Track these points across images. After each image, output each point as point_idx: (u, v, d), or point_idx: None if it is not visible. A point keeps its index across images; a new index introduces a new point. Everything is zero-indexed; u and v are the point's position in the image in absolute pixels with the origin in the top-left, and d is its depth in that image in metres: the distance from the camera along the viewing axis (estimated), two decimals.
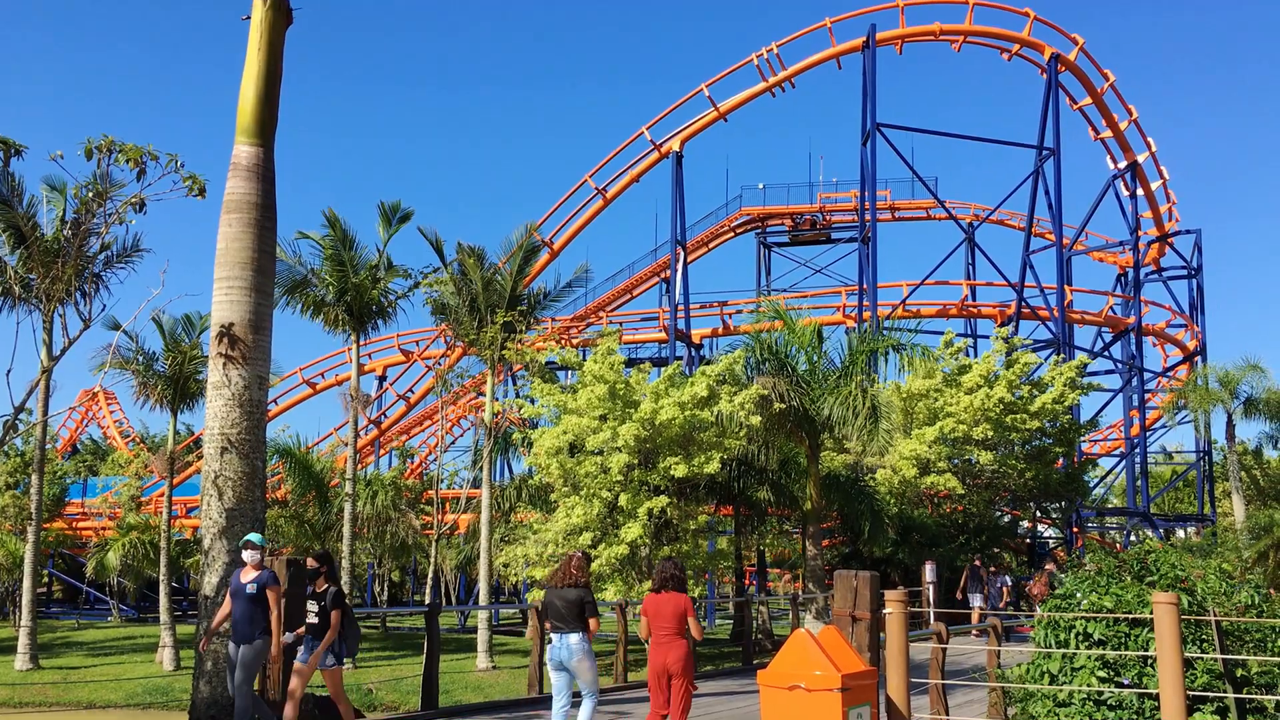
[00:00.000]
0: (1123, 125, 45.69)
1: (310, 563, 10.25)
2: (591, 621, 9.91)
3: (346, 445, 27.85)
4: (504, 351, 23.78)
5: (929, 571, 27.21)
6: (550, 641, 9.98)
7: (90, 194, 11.85)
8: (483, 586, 24.12)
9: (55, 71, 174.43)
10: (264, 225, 11.51)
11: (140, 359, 26.12)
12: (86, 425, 68.28)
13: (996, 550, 33.75)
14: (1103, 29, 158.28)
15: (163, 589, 26.39)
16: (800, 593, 24.30)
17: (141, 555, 36.31)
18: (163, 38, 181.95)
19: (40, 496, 24.76)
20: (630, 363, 28.13)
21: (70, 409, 64.24)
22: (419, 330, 49.47)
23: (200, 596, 11.05)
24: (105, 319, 23.34)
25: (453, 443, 54.73)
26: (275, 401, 49.64)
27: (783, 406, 21.34)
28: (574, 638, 9.83)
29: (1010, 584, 25.97)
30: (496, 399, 26.09)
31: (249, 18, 11.77)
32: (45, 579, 45.86)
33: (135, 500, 39.67)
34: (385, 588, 50.87)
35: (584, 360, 24.21)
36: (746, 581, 36.19)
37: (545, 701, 15.94)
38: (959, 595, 27.11)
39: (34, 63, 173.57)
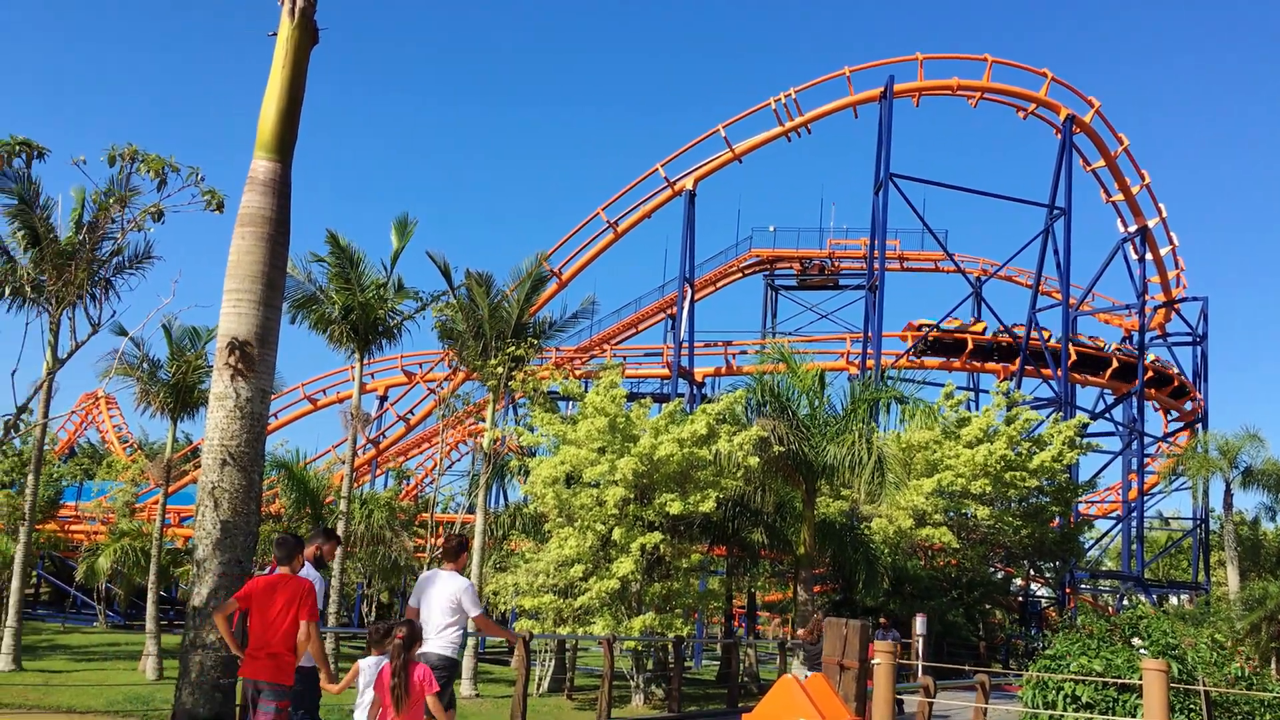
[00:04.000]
0: (1135, 189, 45.96)
1: None
2: None
3: (344, 463, 27.80)
4: (510, 382, 23.81)
5: (920, 624, 27.09)
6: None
7: (111, 200, 11.93)
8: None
9: (75, 73, 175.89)
10: (277, 240, 11.57)
11: (145, 366, 26.16)
12: (85, 428, 68.26)
13: (988, 606, 33.62)
14: (1119, 92, 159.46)
15: (151, 597, 26.28)
16: (789, 638, 24.18)
17: (132, 562, 36.17)
18: (183, 47, 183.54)
19: (35, 497, 24.72)
20: (632, 397, 28.10)
21: (70, 412, 64.31)
22: (423, 352, 49.57)
23: (189, 607, 11.02)
24: (112, 325, 23.43)
25: (450, 466, 54.66)
26: (275, 415, 49.65)
27: (781, 449, 21.35)
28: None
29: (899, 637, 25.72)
30: (496, 425, 26.09)
31: (275, 34, 11.91)
32: (34, 580, 45.69)
33: (129, 506, 39.57)
34: (374, 608, 50.65)
35: (586, 392, 24.24)
36: (735, 623, 36.00)
37: None
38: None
39: (55, 64, 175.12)
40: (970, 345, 44.61)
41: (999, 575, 36.30)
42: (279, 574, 7.86)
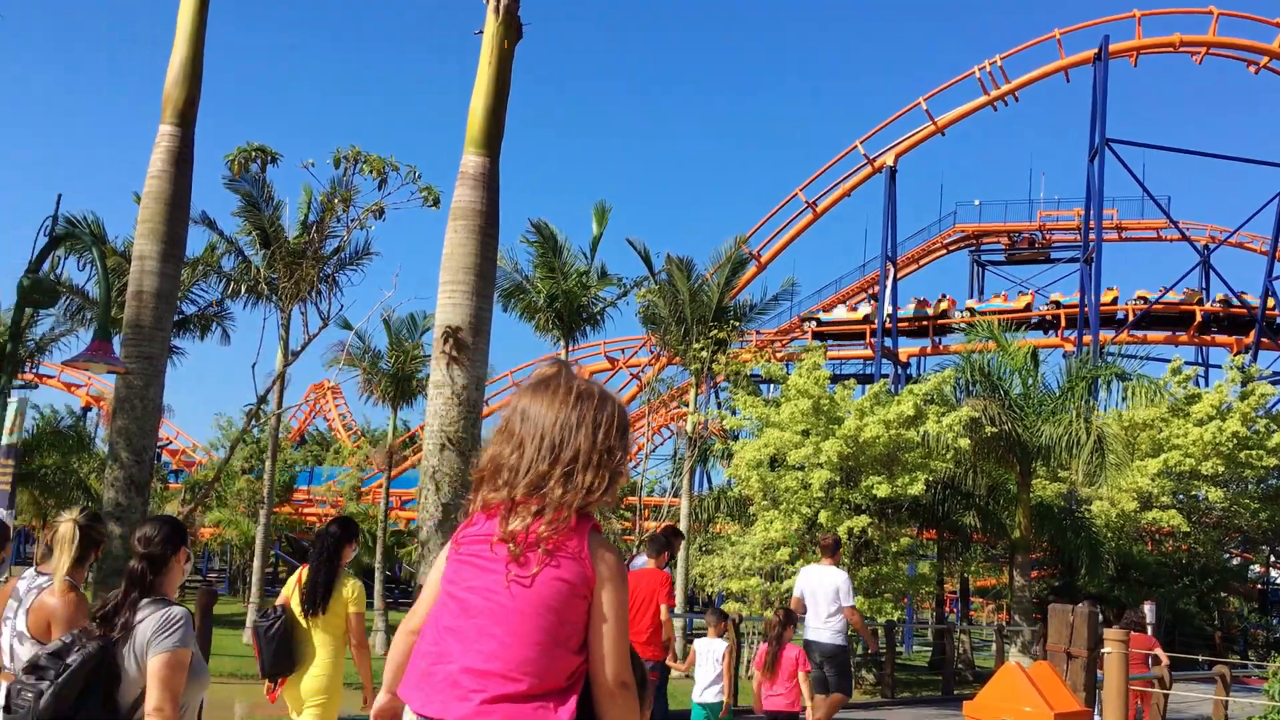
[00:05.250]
0: None
1: None
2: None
3: None
4: (712, 366, 23.91)
5: (1149, 612, 25.68)
6: None
7: (336, 199, 12.62)
8: (678, 595, 24.29)
9: (284, 74, 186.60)
10: (487, 233, 11.95)
11: (367, 357, 27.64)
12: (314, 417, 72.58)
13: (1223, 594, 31.63)
14: None
15: (378, 576, 27.79)
16: (1006, 624, 23.40)
17: (360, 543, 38.28)
18: (394, 47, 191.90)
19: (273, 482, 26.52)
20: (835, 379, 27.72)
21: (300, 403, 68.50)
22: (624, 339, 50.27)
23: (415, 585, 11.55)
24: (337, 318, 24.81)
25: (653, 450, 55.33)
26: (488, 402, 51.40)
27: (993, 430, 20.62)
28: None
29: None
30: (699, 409, 26.25)
31: (481, 32, 12.28)
32: (272, 559, 48.95)
33: (356, 490, 41.91)
34: None
35: (788, 374, 24.08)
36: (947, 609, 35.13)
37: (742, 714, 15.88)
38: None
39: (265, 65, 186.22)
40: (1198, 318, 41.94)
41: (1235, 561, 34.03)
42: (644, 568, 9.16)
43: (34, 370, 34.86)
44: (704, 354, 23.83)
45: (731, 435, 28.49)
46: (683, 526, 24.36)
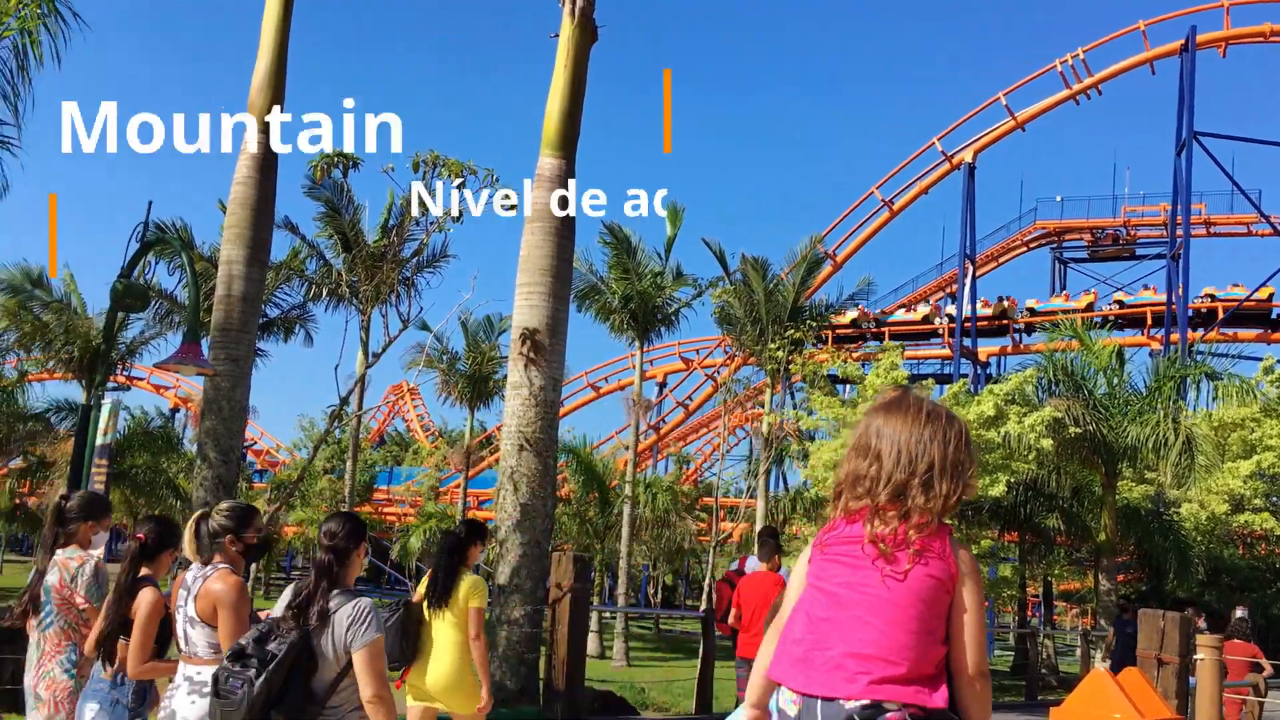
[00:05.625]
0: None
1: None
2: None
3: (627, 448, 28.65)
4: (788, 366, 23.78)
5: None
6: None
7: (415, 203, 12.74)
8: None
9: (352, 77, 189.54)
10: (563, 234, 12.02)
11: (445, 359, 27.98)
12: (393, 418, 73.60)
13: None
14: None
15: None
16: (1091, 629, 22.89)
17: (438, 542, 38.76)
18: (465, 51, 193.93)
19: (353, 482, 26.99)
20: (912, 378, 27.43)
21: (378, 407, 69.51)
22: (698, 339, 50.17)
23: (494, 585, 11.64)
24: (416, 321, 25.13)
25: (728, 451, 55.18)
26: (563, 403, 51.64)
27: (1077, 431, 20.21)
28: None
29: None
30: (774, 409, 26.10)
31: (557, 35, 12.35)
32: None
33: (434, 490, 42.41)
34: (659, 590, 51.92)
35: (865, 374, 23.84)
36: (1030, 613, 34.48)
37: None
38: None
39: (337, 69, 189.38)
40: None
41: None
42: (758, 570, 9.17)
43: (125, 373, 35.86)
44: (780, 354, 23.70)
45: (807, 436, 28.29)
46: (758, 527, 24.23)
